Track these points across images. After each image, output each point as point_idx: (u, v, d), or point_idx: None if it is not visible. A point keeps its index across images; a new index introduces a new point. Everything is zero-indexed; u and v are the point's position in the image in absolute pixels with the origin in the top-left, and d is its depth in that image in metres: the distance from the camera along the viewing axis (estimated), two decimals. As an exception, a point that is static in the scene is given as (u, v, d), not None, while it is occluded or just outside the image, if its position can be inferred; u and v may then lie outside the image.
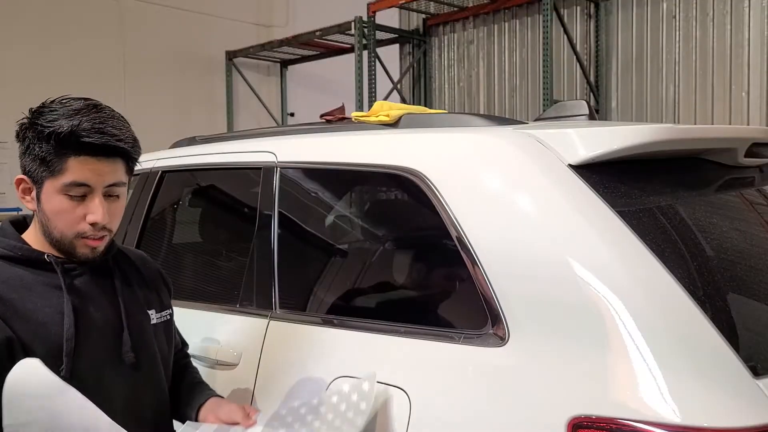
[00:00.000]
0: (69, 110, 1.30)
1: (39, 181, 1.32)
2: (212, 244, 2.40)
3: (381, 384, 1.45)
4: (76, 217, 1.32)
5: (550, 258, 1.31)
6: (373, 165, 1.68)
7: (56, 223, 1.32)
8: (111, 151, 1.31)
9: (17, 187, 1.36)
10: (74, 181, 1.29)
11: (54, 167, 1.29)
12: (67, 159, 1.28)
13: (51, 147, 1.28)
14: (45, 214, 1.33)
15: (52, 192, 1.31)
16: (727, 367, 1.18)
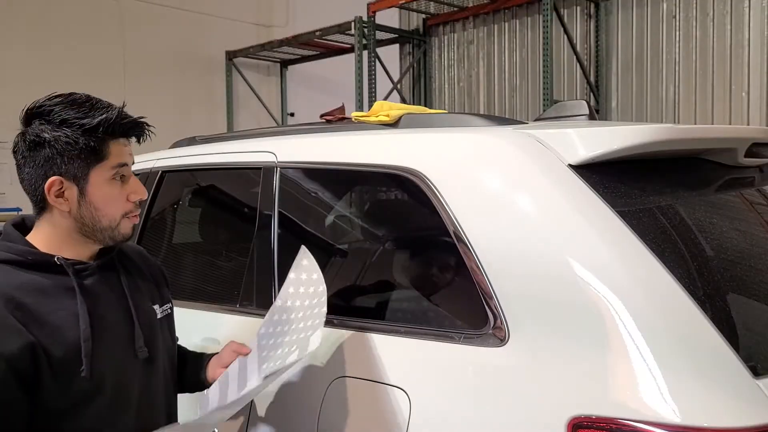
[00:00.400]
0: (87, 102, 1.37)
1: (83, 175, 1.35)
2: (212, 244, 2.40)
3: (381, 383, 1.45)
4: (122, 199, 1.40)
5: (550, 258, 1.31)
6: (373, 165, 1.68)
7: (107, 209, 1.38)
8: (136, 130, 1.42)
9: (49, 190, 1.34)
10: (119, 162, 1.38)
11: (100, 154, 1.35)
12: (108, 144, 1.37)
13: (97, 136, 1.34)
14: (92, 205, 1.37)
15: (102, 180, 1.37)
16: (727, 367, 1.18)
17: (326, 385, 1.55)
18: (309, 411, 1.57)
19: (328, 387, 1.55)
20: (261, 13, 8.83)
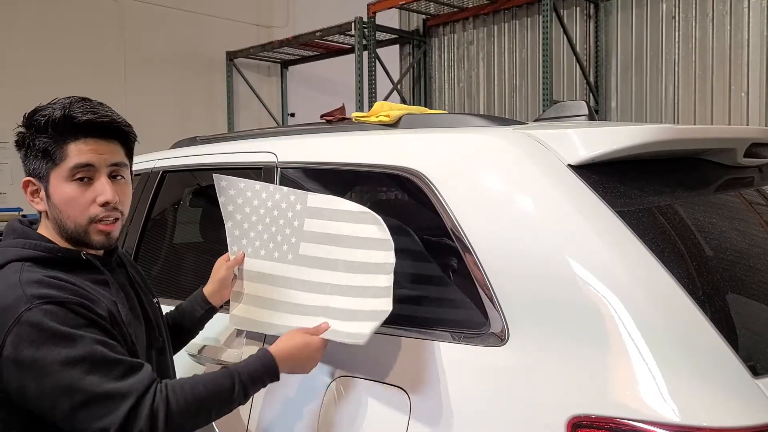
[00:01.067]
0: (61, 103, 1.36)
1: (45, 176, 1.36)
2: (213, 244, 2.40)
3: (381, 383, 1.46)
4: (86, 202, 1.36)
5: (550, 258, 1.31)
6: (373, 165, 1.68)
7: (68, 212, 1.36)
8: (106, 130, 1.37)
9: (25, 190, 1.39)
10: (77, 163, 1.34)
11: (56, 156, 1.34)
12: (66, 145, 1.34)
13: (49, 136, 1.33)
14: (56, 207, 1.36)
15: (59, 182, 1.35)
16: (726, 367, 1.18)
17: (326, 385, 1.55)
18: (309, 411, 1.57)
19: (328, 387, 1.55)
20: (261, 14, 8.83)
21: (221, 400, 1.34)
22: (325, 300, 1.55)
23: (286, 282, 1.63)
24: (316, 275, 1.59)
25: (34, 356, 1.22)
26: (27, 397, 1.24)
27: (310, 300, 1.58)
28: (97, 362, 1.24)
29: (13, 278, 1.28)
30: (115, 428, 1.22)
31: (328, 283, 1.56)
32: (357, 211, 1.55)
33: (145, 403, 1.24)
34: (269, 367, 1.41)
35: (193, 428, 1.33)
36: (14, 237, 1.39)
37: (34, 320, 1.23)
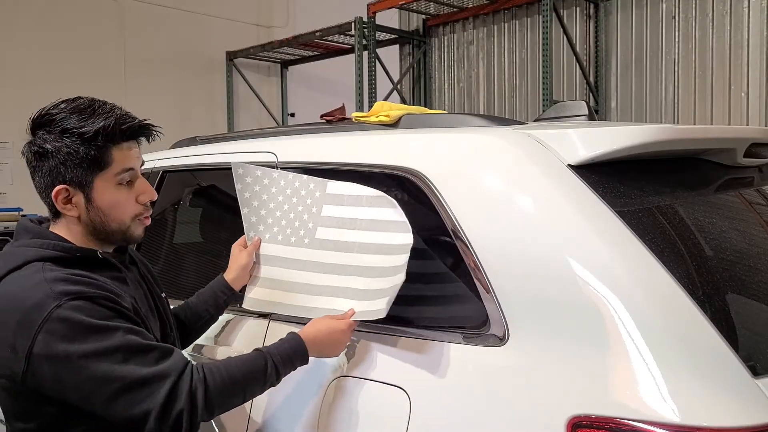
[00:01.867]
0: (88, 108, 1.38)
1: (87, 183, 1.38)
2: (213, 244, 2.40)
3: (381, 383, 1.46)
4: (131, 202, 1.42)
5: (550, 258, 1.31)
6: (373, 165, 1.68)
7: (114, 214, 1.41)
8: (140, 133, 1.44)
9: (56, 198, 1.37)
10: (123, 167, 1.39)
11: (102, 162, 1.37)
12: (110, 151, 1.38)
13: (97, 144, 1.35)
14: (101, 210, 1.40)
15: (105, 187, 1.39)
16: (726, 367, 1.18)
17: (326, 385, 1.55)
18: (309, 411, 1.57)
19: (328, 387, 1.55)
20: (261, 14, 8.83)
21: (254, 380, 1.39)
22: (342, 281, 1.59)
23: (302, 264, 1.67)
24: (331, 257, 1.62)
25: (67, 351, 1.24)
26: (64, 390, 1.26)
27: (325, 281, 1.62)
28: (131, 350, 1.27)
29: (37, 277, 1.30)
30: (156, 410, 1.25)
31: (344, 264, 1.60)
32: (373, 196, 1.59)
33: (183, 384, 1.28)
34: (299, 349, 1.45)
35: (228, 408, 1.37)
36: (30, 237, 1.40)
37: (65, 316, 1.25)
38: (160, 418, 1.26)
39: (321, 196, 1.68)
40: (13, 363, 1.27)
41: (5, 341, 1.27)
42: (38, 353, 1.24)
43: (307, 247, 1.67)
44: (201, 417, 1.30)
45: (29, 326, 1.25)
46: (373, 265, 1.54)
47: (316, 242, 1.66)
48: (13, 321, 1.26)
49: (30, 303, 1.26)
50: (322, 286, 1.62)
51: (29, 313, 1.25)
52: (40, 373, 1.25)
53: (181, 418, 1.27)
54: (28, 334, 1.24)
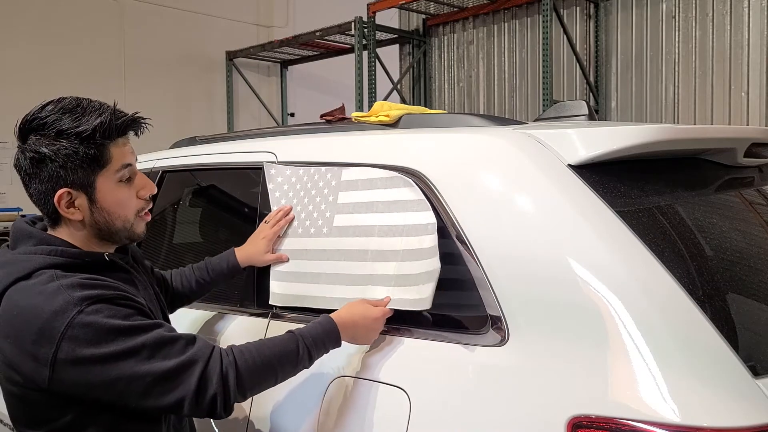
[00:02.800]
0: (78, 107, 1.34)
1: (89, 183, 1.35)
2: (213, 244, 2.40)
3: (381, 383, 1.46)
4: (133, 198, 1.42)
5: (550, 258, 1.31)
6: (373, 165, 1.68)
7: (120, 212, 1.40)
8: (133, 127, 1.41)
9: (59, 203, 1.34)
10: (122, 164, 1.37)
11: (102, 160, 1.35)
12: (108, 148, 1.36)
13: (95, 142, 1.33)
14: (105, 210, 1.38)
15: (109, 185, 1.37)
16: (726, 367, 1.18)
17: (326, 385, 1.55)
18: (309, 411, 1.57)
19: (328, 387, 1.55)
20: (261, 14, 8.83)
21: (287, 361, 1.38)
22: (368, 267, 1.58)
23: (323, 254, 1.68)
24: (353, 243, 1.62)
25: (93, 354, 1.23)
26: (94, 391, 1.26)
27: (350, 269, 1.61)
28: (157, 344, 1.27)
29: (52, 285, 1.27)
30: (190, 397, 1.26)
31: (367, 250, 1.59)
32: (387, 177, 1.59)
33: (214, 368, 1.29)
34: (331, 332, 1.44)
35: (261, 389, 1.37)
36: (34, 243, 1.36)
37: (87, 321, 1.24)
38: (194, 404, 1.27)
39: (336, 184, 1.69)
40: (35, 372, 1.25)
41: (24, 351, 1.25)
42: (63, 359, 1.23)
43: (327, 236, 1.68)
44: (234, 399, 1.30)
45: (52, 334, 1.23)
46: (398, 248, 1.53)
47: (335, 230, 1.66)
48: (32, 330, 1.24)
49: (50, 310, 1.24)
50: (347, 274, 1.62)
51: (50, 320, 1.23)
52: (66, 378, 1.24)
53: (215, 402, 1.28)
54: (50, 341, 1.23)
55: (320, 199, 1.72)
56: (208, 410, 1.29)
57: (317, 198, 1.72)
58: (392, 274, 1.54)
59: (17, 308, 1.28)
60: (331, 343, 1.45)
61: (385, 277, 1.55)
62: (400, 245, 1.53)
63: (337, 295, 1.62)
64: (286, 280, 1.75)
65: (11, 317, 1.28)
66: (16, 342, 1.26)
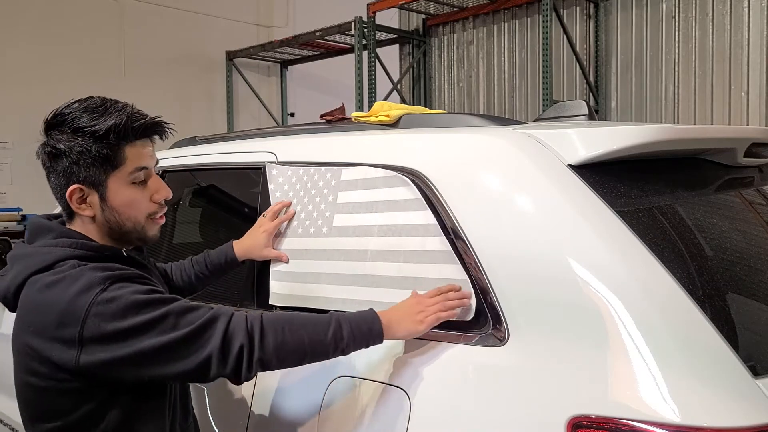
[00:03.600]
0: (100, 107, 1.37)
1: (101, 182, 1.37)
2: (213, 244, 2.40)
3: (381, 383, 1.46)
4: (145, 201, 1.42)
5: (550, 258, 1.31)
6: (373, 165, 1.68)
7: (129, 213, 1.41)
8: (153, 131, 1.42)
9: (70, 198, 1.38)
10: (137, 166, 1.38)
11: (115, 161, 1.36)
12: (123, 149, 1.37)
13: (109, 142, 1.35)
14: (115, 210, 1.40)
15: (120, 185, 1.38)
16: (726, 367, 1.18)
17: (326, 385, 1.55)
18: (309, 411, 1.57)
19: (328, 387, 1.55)
20: (261, 14, 8.83)
21: (316, 331, 1.35)
22: (368, 267, 1.58)
23: (323, 254, 1.68)
24: (352, 243, 1.62)
25: (119, 327, 1.25)
26: (121, 366, 1.28)
27: (350, 269, 1.61)
28: (181, 312, 1.30)
29: (75, 270, 1.31)
30: (217, 351, 1.27)
31: (367, 250, 1.59)
32: (386, 177, 1.59)
33: (238, 322, 1.31)
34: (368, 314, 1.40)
35: (288, 356, 1.34)
36: (54, 236, 1.39)
37: (110, 296, 1.27)
38: (221, 361, 1.28)
39: (336, 184, 1.70)
40: (63, 354, 1.27)
41: (49, 337, 1.28)
42: (90, 337, 1.26)
43: (326, 235, 1.68)
44: (259, 355, 1.30)
45: (76, 313, 1.26)
46: (400, 249, 1.53)
47: (335, 230, 1.66)
48: (55, 314, 1.27)
49: (73, 292, 1.27)
50: (347, 275, 1.62)
51: (74, 300, 1.27)
52: (95, 356, 1.26)
53: (241, 355, 1.28)
54: (75, 321, 1.26)
55: (320, 198, 1.72)
56: (234, 367, 1.29)
57: (317, 198, 1.73)
58: (397, 275, 1.53)
59: (39, 297, 1.30)
60: (367, 324, 1.39)
61: (390, 278, 1.54)
62: (403, 246, 1.53)
63: (337, 295, 1.62)
64: (286, 279, 1.75)
65: (34, 306, 1.31)
66: (40, 330, 1.29)
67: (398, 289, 1.52)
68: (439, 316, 1.39)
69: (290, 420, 1.62)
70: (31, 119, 7.70)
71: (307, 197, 1.75)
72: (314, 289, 1.68)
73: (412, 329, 1.40)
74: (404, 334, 1.41)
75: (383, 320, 1.39)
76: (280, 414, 1.65)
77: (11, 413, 2.49)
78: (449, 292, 1.42)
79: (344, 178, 1.68)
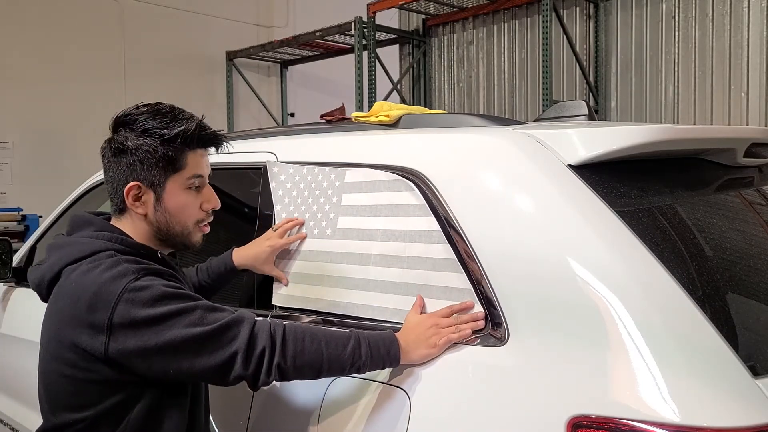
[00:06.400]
0: (170, 113, 1.43)
1: (160, 183, 1.43)
2: (213, 244, 2.40)
3: (381, 383, 1.46)
4: (197, 207, 1.47)
5: (550, 258, 1.31)
6: (373, 165, 1.68)
7: (180, 217, 1.46)
8: (215, 142, 1.49)
9: (127, 194, 1.43)
10: (195, 173, 1.45)
11: (178, 164, 1.43)
12: (186, 155, 1.44)
13: (175, 146, 1.41)
14: (168, 211, 1.45)
15: (176, 188, 1.44)
16: (726, 367, 1.18)
17: (326, 385, 1.55)
18: (309, 411, 1.57)
19: (328, 387, 1.55)
20: (261, 14, 8.83)
21: (335, 345, 1.38)
22: (372, 272, 1.58)
23: (326, 256, 1.68)
24: (356, 247, 1.62)
25: (149, 314, 1.29)
26: (150, 356, 1.30)
27: (353, 272, 1.61)
28: (207, 308, 1.34)
29: (111, 259, 1.36)
30: (242, 350, 1.31)
31: (370, 254, 1.59)
32: (390, 180, 1.59)
33: (262, 326, 1.35)
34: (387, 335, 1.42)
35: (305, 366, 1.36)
36: (95, 229, 1.45)
37: (142, 285, 1.32)
38: (245, 358, 1.31)
39: (340, 186, 1.69)
40: (92, 339, 1.30)
41: (80, 322, 1.31)
42: (120, 323, 1.29)
43: (330, 238, 1.68)
44: (278, 360, 1.33)
45: (107, 298, 1.30)
46: (405, 255, 1.53)
47: (339, 232, 1.66)
48: (87, 297, 1.31)
49: (107, 277, 1.32)
50: (351, 278, 1.62)
51: (107, 285, 1.31)
52: (123, 343, 1.29)
53: (263, 358, 1.32)
54: (106, 306, 1.29)
55: (324, 199, 1.72)
56: (255, 369, 1.32)
57: (321, 198, 1.72)
58: (400, 281, 1.53)
59: (73, 284, 1.35)
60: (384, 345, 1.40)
61: (393, 284, 1.54)
62: (407, 252, 1.53)
63: (339, 298, 1.62)
64: (289, 280, 1.76)
65: (67, 293, 1.35)
66: (72, 316, 1.32)
67: (401, 295, 1.52)
68: (451, 338, 1.40)
69: (290, 420, 1.62)
70: (31, 119, 7.74)
71: (312, 198, 1.75)
72: (317, 291, 1.68)
73: (425, 354, 1.42)
74: (419, 358, 1.42)
75: (401, 343, 1.41)
76: (281, 414, 1.65)
77: (11, 413, 2.49)
78: (462, 313, 1.43)
79: (348, 180, 1.68)
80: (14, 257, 2.74)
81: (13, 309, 2.66)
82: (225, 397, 1.76)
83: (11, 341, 2.55)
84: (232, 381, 1.33)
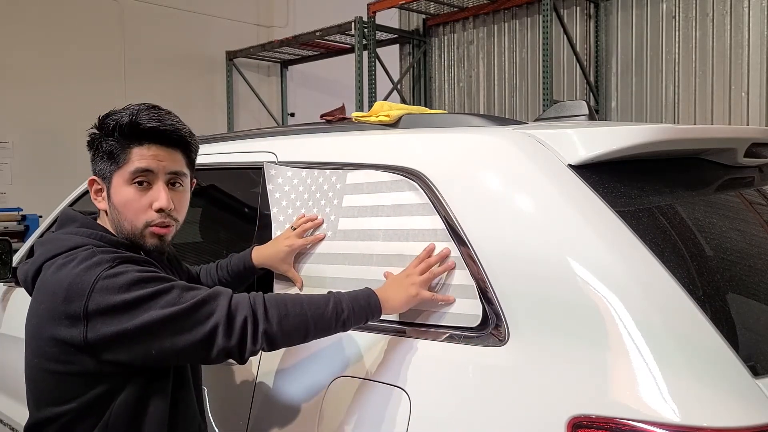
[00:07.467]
0: (131, 108, 1.43)
1: (108, 177, 1.43)
2: (213, 244, 2.41)
3: (381, 383, 1.46)
4: (143, 206, 1.43)
5: (550, 258, 1.31)
6: (373, 165, 1.68)
7: (126, 214, 1.43)
8: (169, 138, 1.44)
9: (90, 188, 1.46)
10: (138, 168, 1.41)
11: (120, 159, 1.41)
12: (130, 150, 1.41)
13: (115, 140, 1.41)
14: (116, 207, 1.44)
15: (120, 184, 1.42)
16: (726, 367, 1.18)
17: (326, 385, 1.55)
18: (309, 411, 1.57)
19: (328, 387, 1.55)
20: (261, 14, 8.83)
21: (317, 305, 1.39)
22: (372, 272, 1.58)
23: (328, 258, 1.68)
24: (357, 247, 1.62)
25: (124, 299, 1.28)
26: (129, 341, 1.29)
27: (354, 273, 1.61)
28: (184, 287, 1.34)
29: (87, 252, 1.36)
30: (223, 322, 1.30)
31: (372, 254, 1.59)
32: (392, 181, 1.59)
33: (241, 298, 1.35)
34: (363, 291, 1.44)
35: (291, 331, 1.36)
36: (77, 225, 1.45)
37: (117, 272, 1.31)
38: (227, 330, 1.30)
39: (341, 187, 1.69)
40: (71, 329, 1.30)
41: (57, 314, 1.31)
42: (95, 310, 1.28)
43: (331, 239, 1.68)
44: (264, 327, 1.33)
45: (82, 288, 1.29)
46: (405, 253, 1.53)
47: (340, 233, 1.66)
48: (63, 288, 1.30)
49: (82, 268, 1.31)
50: (352, 278, 1.62)
51: (81, 275, 1.30)
52: (101, 330, 1.29)
53: (245, 326, 1.31)
54: (81, 295, 1.29)
55: (325, 201, 1.71)
56: (239, 339, 1.31)
57: (322, 201, 1.72)
58: None
59: (51, 278, 1.35)
60: (365, 299, 1.43)
61: None
62: (407, 251, 1.53)
63: None
64: (290, 281, 1.76)
65: (45, 286, 1.35)
66: (50, 308, 1.32)
67: None
68: (428, 277, 1.43)
69: (290, 420, 1.62)
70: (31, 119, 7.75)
71: (312, 200, 1.75)
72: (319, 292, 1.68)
73: (404, 299, 1.44)
74: (401, 302, 1.44)
75: (379, 295, 1.44)
76: (280, 414, 1.65)
77: (11, 413, 2.49)
78: (429, 255, 1.46)
79: (350, 182, 1.68)
80: (14, 257, 2.74)
81: (13, 309, 2.66)
82: (225, 397, 1.76)
83: (11, 341, 2.55)
84: (217, 355, 1.31)
